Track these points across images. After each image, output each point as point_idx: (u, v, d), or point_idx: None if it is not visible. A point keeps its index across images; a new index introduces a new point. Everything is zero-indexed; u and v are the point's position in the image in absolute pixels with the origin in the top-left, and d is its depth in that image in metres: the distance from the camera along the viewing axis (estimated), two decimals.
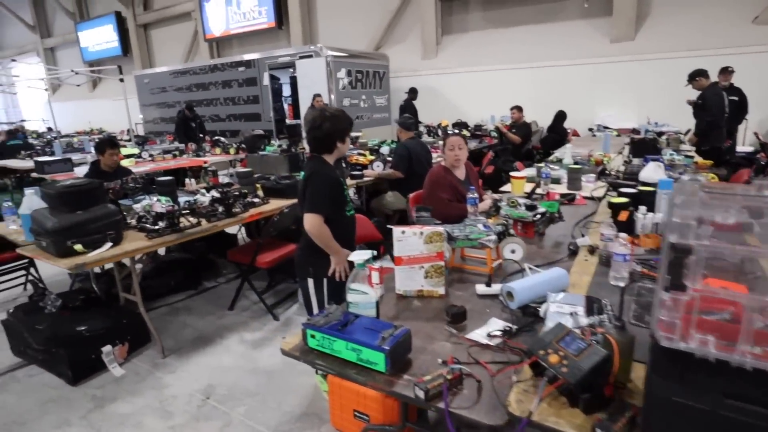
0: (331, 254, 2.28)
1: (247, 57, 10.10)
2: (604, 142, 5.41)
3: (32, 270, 3.94)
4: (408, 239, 1.80)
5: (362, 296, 1.58)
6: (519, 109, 7.81)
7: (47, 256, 2.53)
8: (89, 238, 2.53)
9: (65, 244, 2.47)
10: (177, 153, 7.24)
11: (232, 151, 7.26)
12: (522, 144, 7.59)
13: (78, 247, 2.49)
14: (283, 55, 9.60)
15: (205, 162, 6.57)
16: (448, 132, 7.07)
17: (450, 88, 10.80)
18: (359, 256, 1.69)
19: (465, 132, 7.95)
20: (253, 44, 13.40)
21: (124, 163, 5.41)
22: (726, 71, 6.52)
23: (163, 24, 15.61)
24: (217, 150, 7.40)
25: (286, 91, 10.97)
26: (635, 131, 6.99)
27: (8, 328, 2.96)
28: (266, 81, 9.83)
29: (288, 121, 10.61)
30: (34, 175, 6.11)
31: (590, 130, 8.61)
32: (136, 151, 7.19)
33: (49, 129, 12.77)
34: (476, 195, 2.69)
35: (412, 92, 9.49)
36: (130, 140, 10.07)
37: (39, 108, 19.92)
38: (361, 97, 9.92)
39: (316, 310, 2.38)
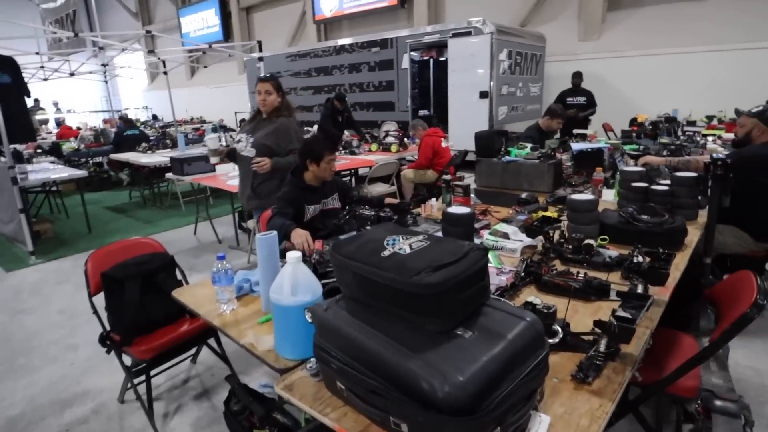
0: None
1: (384, 35, 8.58)
2: None
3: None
4: None
5: None
6: None
7: None
8: (517, 414, 0.95)
9: None
10: None
11: (394, 148, 5.74)
12: None
13: None
14: (430, 32, 7.98)
15: (373, 164, 5.09)
16: None
17: (619, 75, 8.80)
18: None
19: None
20: (366, 26, 12.00)
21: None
22: None
23: (266, 6, 14.58)
24: (373, 146, 5.91)
25: None
26: None
27: None
28: (405, 64, 8.27)
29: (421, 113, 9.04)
30: (169, 176, 4.86)
31: None
32: None
33: (154, 117, 11.99)
34: None
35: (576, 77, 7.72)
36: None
37: (137, 96, 19.82)
38: (518, 84, 8.14)
39: None
